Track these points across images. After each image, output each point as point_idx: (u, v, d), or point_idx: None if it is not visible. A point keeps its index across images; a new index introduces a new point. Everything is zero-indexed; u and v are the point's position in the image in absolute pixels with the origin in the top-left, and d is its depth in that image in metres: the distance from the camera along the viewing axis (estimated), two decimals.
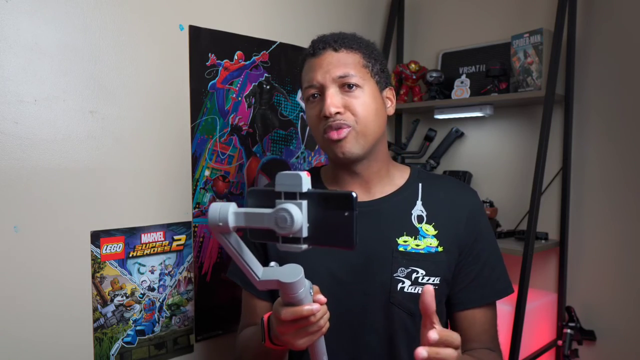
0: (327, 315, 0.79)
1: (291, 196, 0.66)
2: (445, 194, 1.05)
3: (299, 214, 0.64)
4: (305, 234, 0.65)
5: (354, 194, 0.64)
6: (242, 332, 1.09)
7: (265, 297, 1.09)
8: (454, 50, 1.97)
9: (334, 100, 0.96)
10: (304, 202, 0.65)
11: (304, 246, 0.66)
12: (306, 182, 0.66)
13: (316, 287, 0.78)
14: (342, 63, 0.98)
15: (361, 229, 0.97)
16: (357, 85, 0.98)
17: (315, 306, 0.74)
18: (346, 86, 0.98)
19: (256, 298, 1.09)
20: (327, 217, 0.65)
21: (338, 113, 0.96)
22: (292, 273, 0.72)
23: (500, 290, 1.05)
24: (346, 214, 0.64)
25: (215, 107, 1.49)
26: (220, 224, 0.66)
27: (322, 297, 0.77)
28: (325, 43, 1.00)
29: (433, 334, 0.72)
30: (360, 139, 0.98)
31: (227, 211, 0.66)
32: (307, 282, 0.74)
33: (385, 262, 0.98)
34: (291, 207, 0.64)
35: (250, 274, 0.72)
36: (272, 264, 0.75)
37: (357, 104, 0.97)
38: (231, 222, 0.66)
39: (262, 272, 0.73)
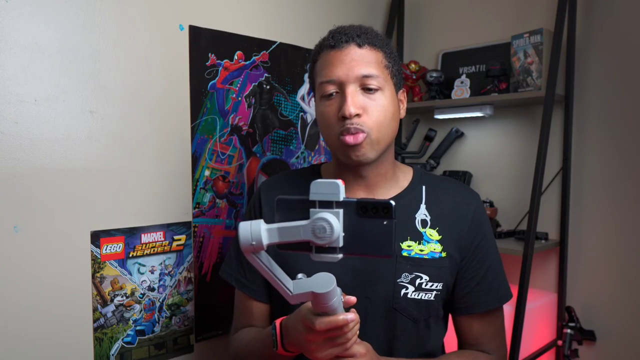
0: (358, 326, 0.78)
1: (327, 205, 0.65)
2: (449, 198, 1.03)
3: (337, 223, 0.63)
4: (341, 243, 0.64)
5: (392, 203, 0.63)
6: (239, 333, 1.07)
7: (262, 299, 1.07)
8: (454, 50, 1.97)
9: (355, 100, 0.91)
10: (341, 211, 0.64)
11: (340, 255, 0.65)
12: (342, 190, 0.65)
13: (342, 291, 0.77)
14: (366, 61, 0.93)
15: None
16: (378, 88, 0.93)
17: (350, 316, 0.73)
18: (366, 87, 0.93)
19: (252, 299, 1.07)
20: (364, 225, 0.64)
21: (357, 115, 0.91)
22: (325, 283, 0.71)
23: (502, 296, 1.03)
24: (385, 222, 0.64)
25: (215, 107, 1.49)
26: (254, 242, 0.64)
27: (352, 298, 0.76)
28: (349, 36, 0.94)
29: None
30: (375, 145, 0.94)
31: (259, 229, 0.64)
32: (338, 290, 0.73)
33: (389, 267, 0.96)
34: (329, 216, 0.63)
35: (283, 289, 0.71)
36: (300, 275, 0.74)
37: (376, 107, 0.93)
38: (265, 240, 0.65)
39: (293, 286, 0.72)
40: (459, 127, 1.93)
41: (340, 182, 0.65)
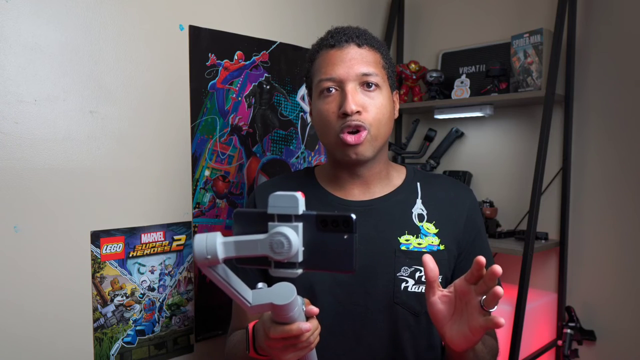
0: (318, 330, 0.77)
1: (285, 218, 0.62)
2: (444, 193, 1.05)
3: (295, 237, 0.61)
4: (300, 258, 0.62)
5: (353, 216, 0.61)
6: (231, 335, 1.07)
7: None
8: (454, 50, 1.97)
9: (355, 97, 0.94)
10: (300, 225, 0.62)
11: (299, 271, 0.63)
12: (302, 203, 0.62)
13: (307, 300, 0.76)
14: (366, 60, 0.96)
15: (362, 228, 0.96)
16: (376, 85, 0.96)
17: (305, 326, 0.71)
18: (366, 85, 0.95)
19: None
20: (325, 240, 0.62)
21: (358, 112, 0.94)
22: (285, 293, 0.68)
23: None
24: (345, 237, 0.61)
25: (215, 107, 1.49)
26: (209, 257, 0.62)
27: (314, 309, 0.75)
28: (348, 36, 0.96)
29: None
30: (374, 142, 0.96)
31: (215, 242, 0.62)
32: (299, 299, 0.71)
33: (388, 262, 0.97)
34: (287, 230, 0.61)
35: (241, 301, 0.68)
36: (260, 285, 0.71)
37: (374, 104, 0.95)
38: (220, 254, 0.62)
39: (253, 297, 0.69)
40: (459, 127, 1.93)
41: (299, 194, 0.62)
